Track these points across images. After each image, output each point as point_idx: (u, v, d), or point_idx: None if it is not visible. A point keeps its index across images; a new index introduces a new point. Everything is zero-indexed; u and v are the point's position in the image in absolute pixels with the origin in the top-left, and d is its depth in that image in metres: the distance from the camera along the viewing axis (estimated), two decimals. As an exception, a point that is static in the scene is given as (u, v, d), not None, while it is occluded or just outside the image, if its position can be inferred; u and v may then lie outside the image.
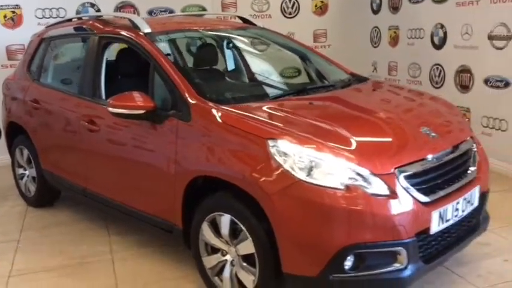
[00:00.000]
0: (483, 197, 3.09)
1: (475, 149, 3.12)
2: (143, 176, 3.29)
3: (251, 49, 4.18)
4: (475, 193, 2.93)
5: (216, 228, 2.89)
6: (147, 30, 3.46)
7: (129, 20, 3.60)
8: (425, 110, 3.24)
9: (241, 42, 4.21)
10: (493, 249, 3.55)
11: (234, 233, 2.80)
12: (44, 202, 4.57)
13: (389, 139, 2.79)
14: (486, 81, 5.25)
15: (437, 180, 2.73)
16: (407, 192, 2.55)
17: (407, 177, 2.58)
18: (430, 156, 2.73)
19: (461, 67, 5.58)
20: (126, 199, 3.50)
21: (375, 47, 7.18)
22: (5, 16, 5.89)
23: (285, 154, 2.54)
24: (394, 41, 6.72)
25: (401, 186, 2.54)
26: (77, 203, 4.47)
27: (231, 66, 3.91)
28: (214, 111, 2.90)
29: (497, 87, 5.12)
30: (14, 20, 5.91)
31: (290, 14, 7.27)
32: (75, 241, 3.93)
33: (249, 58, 4.18)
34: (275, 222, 2.54)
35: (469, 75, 5.48)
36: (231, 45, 4.12)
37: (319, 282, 2.53)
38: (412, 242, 2.54)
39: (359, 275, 2.54)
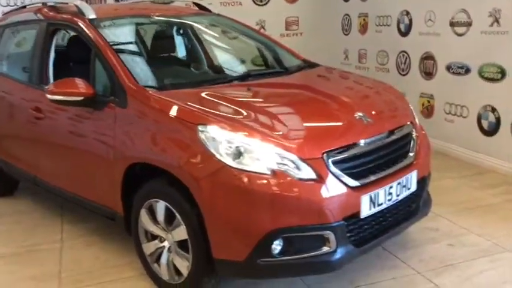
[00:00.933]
0: (423, 181, 3.10)
1: (415, 134, 3.12)
2: (86, 163, 3.28)
3: (202, 36, 4.15)
4: (411, 178, 2.94)
5: (153, 214, 2.89)
6: (92, 16, 3.43)
7: (75, 5, 3.57)
8: (365, 96, 3.24)
9: (193, 29, 4.19)
10: (440, 234, 3.57)
11: (170, 219, 2.80)
12: (2, 191, 4.55)
13: (320, 124, 2.80)
14: (448, 68, 5.26)
15: (369, 165, 2.74)
16: (336, 176, 2.56)
17: (336, 162, 2.59)
18: (362, 141, 2.74)
19: (425, 54, 5.58)
20: (72, 187, 3.50)
21: (346, 35, 7.17)
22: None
23: (214, 139, 2.54)
24: (364, 28, 6.71)
25: (330, 171, 2.55)
26: (35, 192, 4.45)
27: (180, 52, 3.89)
28: (149, 97, 2.90)
29: (459, 73, 5.13)
30: (-23, 9, 5.86)
31: (261, 1, 7.25)
32: (28, 230, 3.92)
33: (199, 45, 4.15)
34: (203, 207, 2.55)
35: (432, 62, 5.48)
36: (181, 31, 4.10)
37: (247, 266, 2.54)
38: (340, 226, 2.55)
39: (287, 259, 2.55)
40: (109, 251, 3.49)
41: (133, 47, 3.56)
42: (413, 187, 2.98)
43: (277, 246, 2.52)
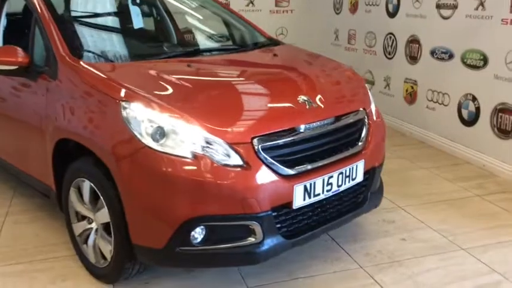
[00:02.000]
0: (372, 172, 2.93)
1: (367, 122, 2.93)
2: (23, 135, 3.16)
3: (161, 9, 3.94)
4: (357, 168, 2.76)
5: (82, 194, 2.76)
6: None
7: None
8: (316, 79, 3.04)
9: (153, 1, 3.97)
10: (395, 227, 3.40)
11: (95, 200, 2.66)
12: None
13: (255, 107, 2.62)
14: (432, 52, 5.01)
15: (307, 152, 2.57)
16: (266, 164, 2.39)
17: (267, 149, 2.42)
18: (301, 127, 2.55)
19: (411, 37, 5.32)
20: (12, 159, 3.39)
21: (337, 14, 6.89)
22: None
23: (136, 118, 2.38)
24: (354, 7, 6.44)
25: (259, 157, 2.38)
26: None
27: (135, 25, 3.69)
28: (78, 68, 2.73)
29: (442, 59, 4.88)
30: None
31: (251, -25, 6.99)
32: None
33: (157, 17, 3.94)
34: (122, 190, 2.41)
35: (417, 46, 5.23)
36: (138, 3, 3.90)
37: (166, 254, 2.41)
38: (267, 217, 2.40)
39: (209, 248, 2.41)
40: (51, 229, 3.37)
41: (80, 16, 3.38)
42: (360, 178, 2.80)
43: (198, 234, 2.38)
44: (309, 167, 2.54)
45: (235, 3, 6.85)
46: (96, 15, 3.53)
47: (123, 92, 2.49)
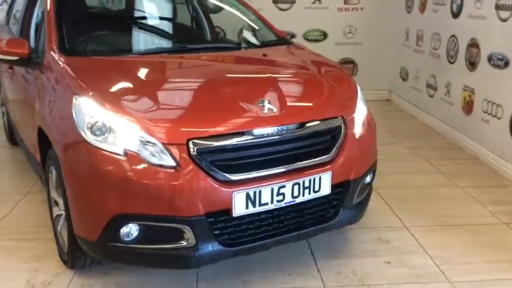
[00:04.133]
0: (346, 186, 2.70)
1: (344, 131, 2.69)
2: (27, 122, 3.36)
3: (172, 5, 3.92)
4: (321, 180, 2.57)
5: (55, 181, 2.89)
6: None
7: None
8: (289, 82, 2.87)
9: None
10: (387, 249, 3.11)
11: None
12: (14, 141, 4.86)
13: (200, 109, 2.53)
14: (489, 58, 4.48)
15: (256, 159, 2.44)
16: (201, 167, 2.31)
17: (205, 151, 2.34)
18: (252, 132, 2.43)
19: (471, 41, 4.81)
20: (27, 141, 3.60)
21: (408, 12, 6.44)
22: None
23: (81, 112, 2.44)
24: (423, 6, 5.98)
25: (193, 159, 2.31)
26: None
27: (138, 19, 3.69)
28: (55, 61, 2.85)
29: (498, 66, 4.35)
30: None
31: (322, -27, 6.78)
32: (5, 178, 4.18)
33: (163, 11, 3.90)
34: (65, 180, 2.49)
35: (477, 50, 4.72)
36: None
37: (100, 248, 2.46)
38: (199, 221, 2.33)
39: (140, 247, 2.40)
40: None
41: (84, 11, 3.52)
42: (325, 191, 2.60)
43: (132, 232, 2.38)
44: (254, 174, 2.41)
45: (302, 0, 6.72)
46: (102, 12, 3.65)
47: (76, 87, 2.56)
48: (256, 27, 3.67)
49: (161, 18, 3.60)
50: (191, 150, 2.31)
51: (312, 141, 2.60)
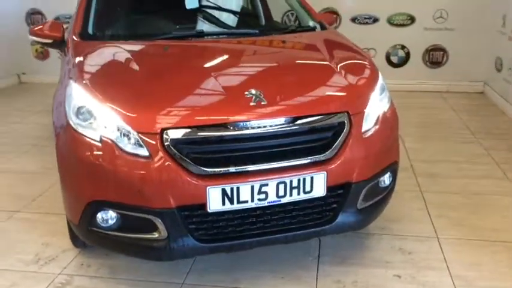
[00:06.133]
0: (347, 188, 2.44)
1: (347, 128, 2.43)
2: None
3: None
4: (313, 180, 2.34)
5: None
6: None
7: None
8: (290, 72, 2.64)
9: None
10: (404, 260, 2.79)
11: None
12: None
13: (181, 98, 2.42)
14: None
15: (236, 153, 2.29)
16: (173, 158, 2.22)
17: (180, 142, 2.24)
18: (234, 124, 2.27)
19: None
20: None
21: (506, -6, 5.71)
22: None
23: (71, 96, 2.48)
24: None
25: (166, 150, 2.23)
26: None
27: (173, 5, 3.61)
28: (72, 46, 2.93)
29: None
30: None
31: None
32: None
33: None
34: (57, 162, 2.54)
35: None
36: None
37: (81, 231, 2.49)
38: (170, 213, 2.25)
39: (115, 234, 2.39)
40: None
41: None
42: (319, 192, 2.38)
43: (108, 218, 2.37)
44: (232, 169, 2.26)
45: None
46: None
47: (73, 72, 2.60)
48: (294, 12, 3.46)
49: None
50: (164, 140, 2.23)
51: (303, 138, 2.37)
